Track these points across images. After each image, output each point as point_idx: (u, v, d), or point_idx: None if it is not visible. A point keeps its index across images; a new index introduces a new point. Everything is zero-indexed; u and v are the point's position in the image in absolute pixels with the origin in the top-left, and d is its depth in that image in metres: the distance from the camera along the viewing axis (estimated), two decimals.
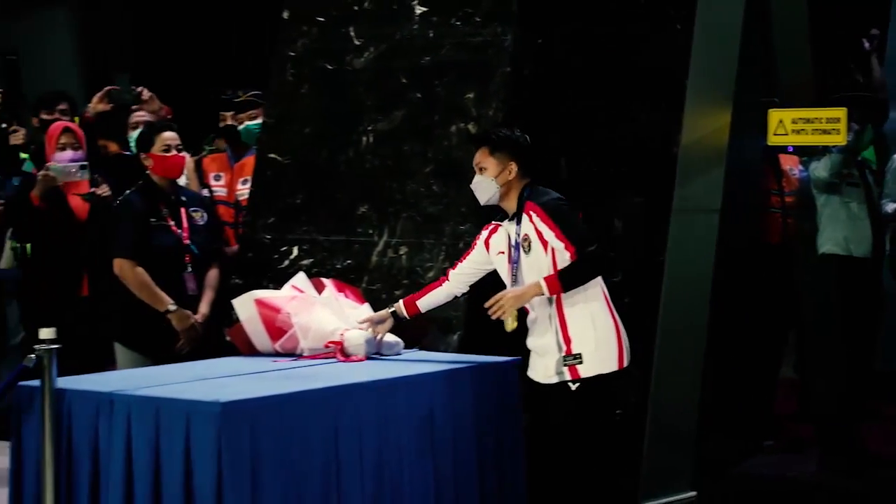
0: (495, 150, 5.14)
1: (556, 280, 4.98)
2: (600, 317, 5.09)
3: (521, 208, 5.12)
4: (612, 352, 5.07)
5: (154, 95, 7.29)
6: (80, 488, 4.56)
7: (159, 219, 6.01)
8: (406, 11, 6.23)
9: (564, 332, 5.03)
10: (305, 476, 4.55)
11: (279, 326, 5.49)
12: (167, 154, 6.04)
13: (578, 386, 5.02)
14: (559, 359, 5.03)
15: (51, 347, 4.58)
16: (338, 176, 6.22)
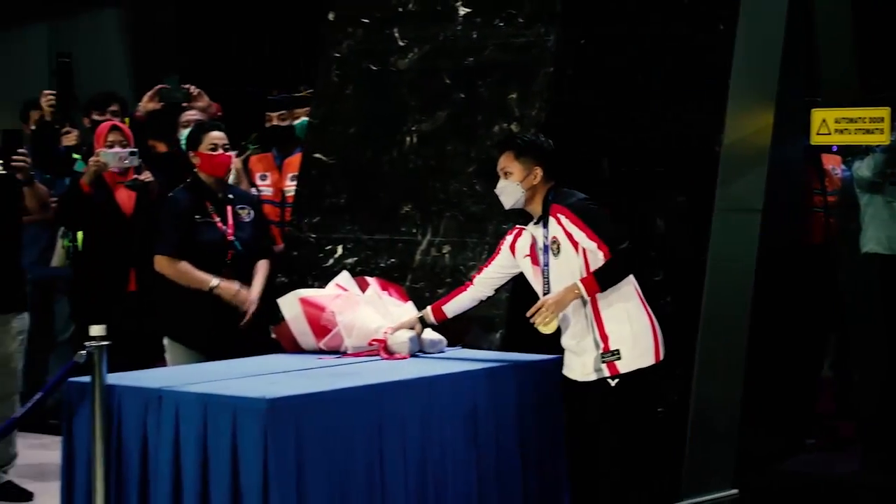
0: (520, 155, 5.16)
1: (593, 280, 4.99)
2: (635, 312, 5.10)
3: (546, 211, 5.12)
4: (648, 346, 5.09)
5: (203, 92, 7.33)
6: (130, 483, 4.60)
7: (205, 215, 6.06)
8: (450, 13, 6.24)
9: (601, 329, 5.04)
10: (350, 471, 4.57)
11: (324, 325, 5.52)
12: (214, 153, 6.09)
13: (618, 382, 5.03)
14: (597, 356, 5.04)
15: (101, 344, 4.63)
16: (382, 176, 6.24)
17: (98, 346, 4.61)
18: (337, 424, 4.56)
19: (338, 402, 4.60)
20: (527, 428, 5.28)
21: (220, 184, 6.17)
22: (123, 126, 6.89)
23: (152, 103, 7.23)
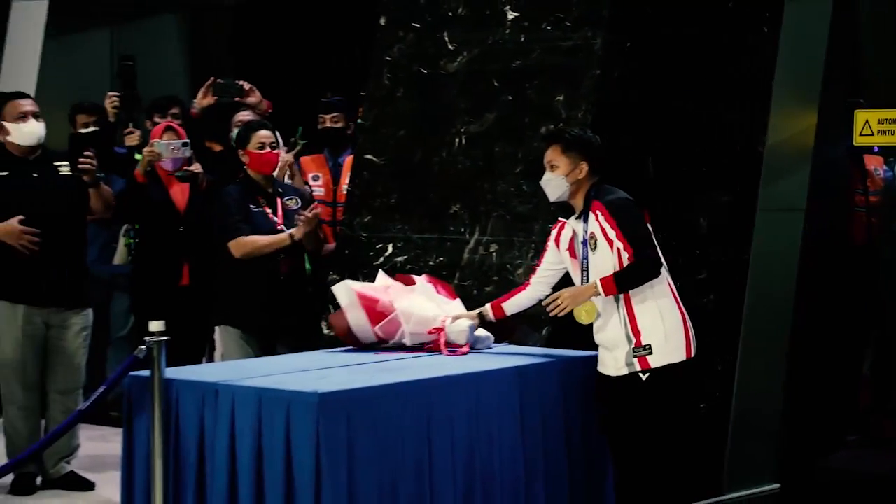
0: (567, 149, 5.16)
1: (612, 282, 5.01)
2: (667, 308, 5.10)
3: (587, 206, 5.14)
4: (680, 342, 5.08)
5: (255, 88, 7.38)
6: (187, 473, 4.64)
7: (258, 206, 6.28)
8: (498, 17, 6.24)
9: (633, 325, 5.04)
10: (399, 464, 4.59)
11: (380, 311, 5.49)
12: (262, 151, 6.31)
13: (649, 376, 5.03)
14: (629, 351, 5.05)
15: (160, 340, 4.66)
16: (431, 176, 6.26)
17: (157, 342, 4.65)
18: (386, 418, 4.58)
19: (387, 397, 4.63)
20: (572, 423, 5.28)
21: (268, 180, 6.39)
22: (176, 125, 6.98)
23: (207, 99, 7.31)
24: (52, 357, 6.54)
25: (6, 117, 6.52)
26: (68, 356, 6.55)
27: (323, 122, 7.37)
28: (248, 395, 4.53)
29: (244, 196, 6.28)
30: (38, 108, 6.59)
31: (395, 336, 5.49)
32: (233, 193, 6.30)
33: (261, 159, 6.31)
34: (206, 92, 7.33)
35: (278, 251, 6.27)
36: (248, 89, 7.34)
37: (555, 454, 5.21)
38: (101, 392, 4.85)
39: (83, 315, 6.61)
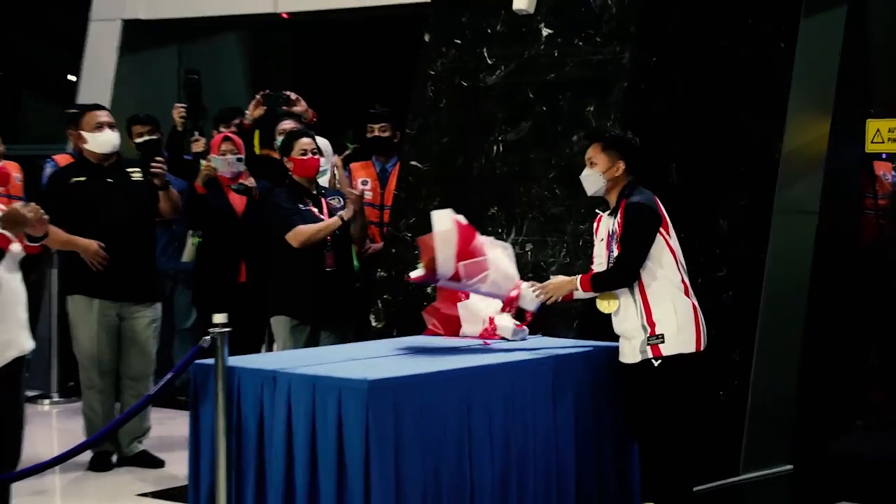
0: (607, 148, 5.16)
1: (588, 281, 5.10)
2: (681, 303, 5.07)
3: (619, 204, 5.14)
4: (691, 335, 5.06)
5: (301, 98, 7.43)
6: (248, 453, 4.66)
7: (304, 206, 6.32)
8: (534, 33, 6.24)
9: (649, 316, 5.03)
10: (441, 446, 4.60)
11: (472, 249, 5.28)
12: (304, 157, 6.34)
13: (660, 363, 5.02)
14: (644, 339, 5.04)
15: (223, 331, 4.67)
16: (471, 180, 6.26)
17: (220, 333, 4.67)
18: (430, 403, 4.58)
19: (431, 384, 4.63)
20: (602, 409, 5.26)
21: (311, 182, 6.42)
22: (234, 137, 7.01)
23: (258, 110, 7.37)
24: (124, 346, 6.60)
25: (84, 127, 6.57)
26: (139, 345, 6.60)
27: (371, 132, 7.39)
28: (303, 381, 4.55)
29: (292, 197, 6.33)
30: (112, 119, 6.64)
31: (474, 278, 5.27)
32: (282, 195, 6.35)
33: (304, 164, 6.34)
34: (257, 104, 7.38)
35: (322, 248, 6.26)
36: (295, 100, 7.38)
37: (585, 438, 5.20)
38: (169, 378, 4.87)
39: (153, 308, 6.66)
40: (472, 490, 4.71)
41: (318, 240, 6.23)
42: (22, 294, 4.79)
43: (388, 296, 6.34)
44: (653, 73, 6.14)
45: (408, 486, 4.46)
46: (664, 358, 5.02)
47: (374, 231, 7.17)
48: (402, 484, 4.44)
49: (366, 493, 4.37)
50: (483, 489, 4.75)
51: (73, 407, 7.87)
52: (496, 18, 6.36)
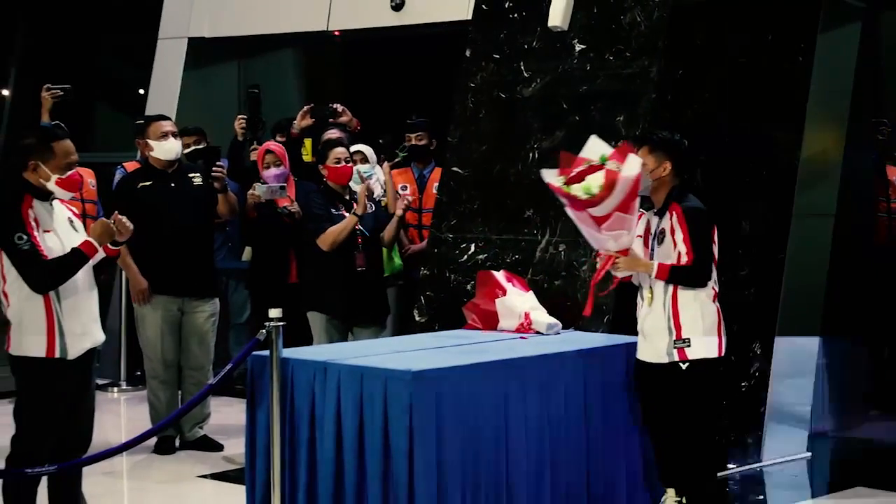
0: (655, 149, 4.98)
1: (666, 270, 4.86)
2: (708, 309, 4.91)
3: (667, 205, 4.98)
4: (714, 340, 4.90)
5: (346, 110, 7.44)
6: (300, 438, 4.66)
7: (337, 210, 6.33)
8: (568, 49, 6.19)
9: (676, 319, 4.87)
10: (480, 433, 4.57)
11: (630, 204, 4.89)
12: (338, 165, 6.36)
13: (688, 366, 4.87)
14: (670, 341, 4.88)
15: (277, 325, 4.66)
16: (508, 185, 6.22)
17: (275, 326, 4.66)
18: (470, 393, 4.55)
19: (471, 375, 4.60)
20: (632, 401, 5.18)
21: (344, 188, 6.43)
22: (276, 149, 7.00)
23: (305, 120, 7.40)
24: (185, 339, 6.59)
25: (150, 136, 6.58)
26: (199, 338, 6.59)
27: (409, 140, 7.37)
28: (352, 372, 4.53)
29: (326, 202, 6.33)
30: (176, 129, 6.64)
31: (612, 230, 4.90)
32: (317, 201, 6.37)
33: (337, 172, 6.35)
34: (305, 115, 7.41)
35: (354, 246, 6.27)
36: (341, 111, 7.39)
37: (614, 428, 5.13)
38: (228, 368, 4.86)
39: (211, 303, 6.65)
40: (508, 474, 4.67)
41: (343, 239, 6.21)
42: (95, 291, 4.79)
43: (430, 292, 6.31)
44: (679, 85, 6.09)
45: (448, 469, 4.43)
46: (691, 362, 4.86)
47: (413, 233, 7.18)
48: (443, 467, 4.41)
49: (409, 476, 4.35)
50: (519, 473, 4.71)
51: (139, 395, 7.88)
52: (532, 35, 6.33)
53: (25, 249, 4.49)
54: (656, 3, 6.00)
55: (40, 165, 4.62)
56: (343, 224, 6.23)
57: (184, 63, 9.20)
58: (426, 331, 5.99)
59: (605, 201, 4.77)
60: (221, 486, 6.02)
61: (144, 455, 6.51)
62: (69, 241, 4.64)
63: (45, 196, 4.65)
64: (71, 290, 4.62)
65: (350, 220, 6.23)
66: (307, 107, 7.45)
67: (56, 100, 7.51)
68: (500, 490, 4.64)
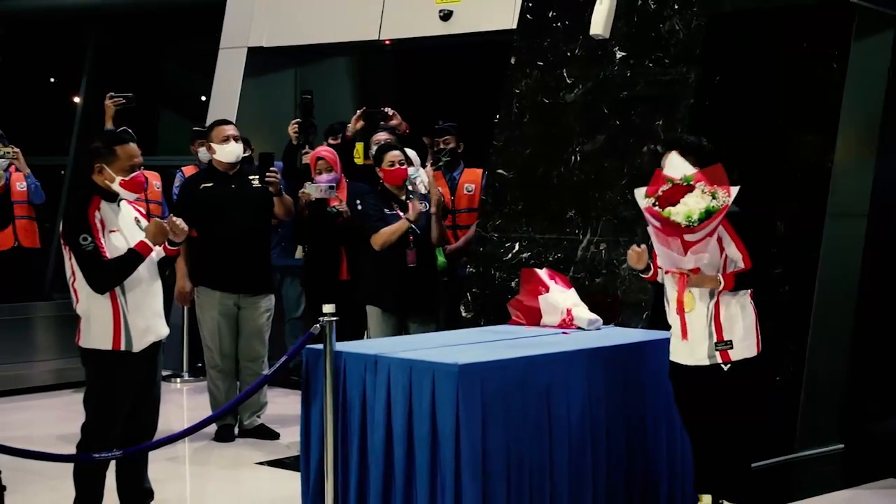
0: (683, 154, 4.81)
1: (732, 280, 4.64)
2: (747, 309, 4.74)
3: None
4: (753, 340, 4.73)
5: (396, 114, 7.46)
6: (352, 428, 4.67)
7: (391, 210, 6.38)
8: (609, 56, 6.16)
9: (717, 320, 4.67)
10: (523, 424, 4.55)
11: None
12: (392, 168, 6.42)
13: (729, 368, 4.68)
14: (710, 344, 4.67)
15: (331, 319, 4.69)
16: (551, 187, 6.19)
17: (329, 321, 4.68)
18: (514, 385, 4.53)
19: (515, 368, 4.58)
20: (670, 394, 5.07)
21: (399, 189, 6.48)
22: (327, 155, 7.00)
23: (358, 124, 7.44)
24: (242, 332, 6.63)
25: (213, 139, 6.63)
26: (255, 332, 6.63)
27: (437, 145, 7.36)
28: (401, 365, 4.53)
29: (381, 203, 6.41)
30: (238, 133, 6.68)
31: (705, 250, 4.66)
32: (371, 201, 6.45)
33: (392, 174, 6.42)
34: (358, 119, 7.44)
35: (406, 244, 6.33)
36: (391, 115, 7.41)
37: (654, 420, 5.09)
38: (283, 360, 4.88)
39: (267, 299, 6.68)
40: (551, 463, 4.65)
41: (394, 240, 6.29)
42: (159, 288, 4.83)
43: (476, 289, 6.30)
44: (716, 91, 6.04)
45: (493, 458, 4.42)
46: (733, 363, 4.67)
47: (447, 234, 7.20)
48: (488, 457, 4.40)
49: (456, 465, 4.35)
50: (561, 463, 4.69)
51: (200, 385, 7.95)
52: (575, 43, 6.30)
53: (89, 251, 4.53)
54: (694, 13, 5.96)
55: (105, 168, 4.66)
56: (395, 227, 6.29)
57: (243, 71, 9.25)
58: (472, 326, 5.98)
59: (704, 230, 4.57)
60: (277, 472, 6.04)
61: (205, 442, 6.56)
62: (134, 241, 4.68)
63: (111, 197, 4.70)
64: (135, 286, 4.66)
65: (402, 223, 6.30)
66: (360, 111, 7.49)
67: (119, 107, 7.58)
68: (543, 480, 4.62)
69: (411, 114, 7.65)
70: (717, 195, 4.58)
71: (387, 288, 6.37)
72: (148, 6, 11.19)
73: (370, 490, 4.60)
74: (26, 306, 8.24)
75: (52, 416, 7.14)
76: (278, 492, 5.69)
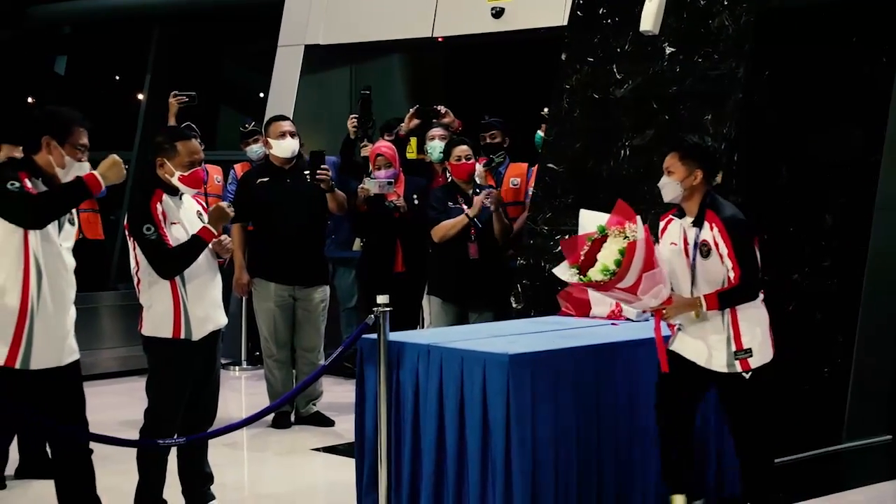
0: (685, 157, 4.50)
1: (715, 300, 4.38)
2: (763, 316, 4.50)
3: (702, 214, 4.48)
4: (769, 345, 4.50)
5: (449, 111, 7.43)
6: (405, 416, 4.67)
7: (455, 203, 6.42)
8: (658, 52, 6.11)
9: (735, 327, 4.43)
10: (572, 413, 4.53)
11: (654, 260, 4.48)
12: (459, 162, 6.46)
13: (751, 375, 4.44)
14: (730, 352, 4.43)
15: (385, 310, 4.68)
16: (601, 181, 6.16)
17: (383, 312, 4.68)
18: (562, 374, 4.51)
19: (564, 358, 4.56)
20: None
21: (467, 183, 6.50)
22: (386, 151, 6.97)
23: (412, 122, 7.42)
24: (298, 322, 6.66)
25: (270, 135, 6.65)
26: (310, 322, 6.64)
27: (483, 140, 7.31)
28: (453, 355, 4.53)
29: (446, 196, 6.45)
30: (294, 129, 6.69)
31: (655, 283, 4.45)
32: (437, 194, 6.50)
33: (459, 168, 6.45)
34: (412, 117, 7.43)
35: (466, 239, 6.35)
36: (444, 112, 7.38)
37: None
38: (339, 350, 4.89)
39: (321, 291, 6.68)
40: (599, 452, 4.63)
41: (452, 234, 6.33)
42: (218, 278, 4.86)
43: (526, 281, 6.28)
44: (765, 86, 5.96)
45: (543, 445, 4.40)
46: (753, 370, 4.45)
47: None
48: (537, 444, 4.39)
49: (506, 452, 4.34)
50: (609, 453, 4.66)
51: (258, 373, 7.99)
52: (625, 39, 6.25)
53: (152, 239, 4.55)
54: (744, 8, 5.88)
55: (166, 162, 4.69)
56: (455, 221, 6.34)
57: (301, 68, 9.29)
58: (522, 317, 5.96)
59: (630, 271, 4.31)
60: (332, 458, 6.07)
61: (262, 428, 6.60)
62: None
63: (173, 191, 4.73)
64: (194, 277, 4.69)
65: (461, 218, 6.33)
66: (414, 108, 7.49)
67: (182, 105, 7.64)
68: (591, 470, 4.60)
69: (463, 110, 7.62)
70: (626, 233, 4.36)
71: (448, 279, 6.43)
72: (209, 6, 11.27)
73: (423, 477, 4.60)
74: (92, 296, 8.34)
75: (117, 401, 7.22)
76: (333, 477, 5.71)
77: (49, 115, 4.26)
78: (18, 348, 4.07)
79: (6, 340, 4.05)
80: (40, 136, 4.17)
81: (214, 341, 4.84)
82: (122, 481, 4.63)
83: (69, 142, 4.19)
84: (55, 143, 4.17)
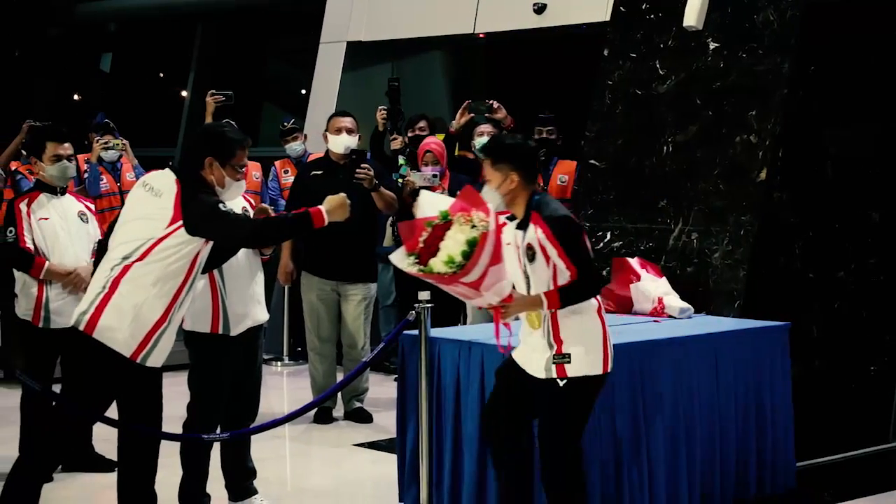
0: (496, 163, 4.11)
1: (556, 297, 4.02)
2: (590, 323, 4.12)
3: (528, 216, 4.10)
4: (598, 357, 4.10)
5: (501, 107, 7.36)
6: (446, 411, 4.67)
7: None
8: (702, 47, 6.05)
9: (556, 333, 4.07)
10: (617, 410, 4.51)
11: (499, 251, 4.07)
12: None
13: (566, 384, 4.07)
14: (549, 357, 4.08)
15: (426, 306, 4.68)
16: (643, 177, 6.11)
17: (423, 308, 4.68)
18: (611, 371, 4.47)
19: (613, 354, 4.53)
20: (760, 382, 5.05)
21: None
22: (435, 148, 6.93)
23: (464, 118, 7.34)
24: (342, 318, 6.66)
25: (330, 129, 6.68)
26: (352, 319, 6.63)
27: (540, 134, 7.26)
28: (494, 351, 4.46)
29: None
30: (352, 126, 6.64)
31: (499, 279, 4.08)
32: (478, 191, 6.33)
33: None
34: (463, 112, 7.34)
35: None
36: (497, 108, 7.31)
37: (744, 406, 5.01)
38: (382, 346, 4.89)
39: (365, 287, 6.64)
40: (647, 450, 4.60)
41: None
42: (259, 275, 4.86)
43: None
44: (810, 81, 5.88)
45: (590, 440, 4.36)
46: (570, 379, 4.07)
47: None
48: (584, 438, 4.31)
49: None
50: (656, 450, 4.64)
51: (300, 368, 8.01)
52: (668, 34, 6.19)
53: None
54: (789, 3, 5.81)
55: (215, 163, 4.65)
56: None
57: (342, 65, 9.31)
58: None
59: (478, 265, 3.92)
60: (374, 453, 6.07)
61: (306, 423, 6.62)
62: None
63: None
64: (234, 273, 4.70)
65: None
66: (466, 103, 7.38)
67: (219, 104, 7.67)
68: (637, 466, 4.57)
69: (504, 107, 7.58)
70: (474, 222, 3.95)
71: None
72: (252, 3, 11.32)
73: (464, 472, 4.59)
74: None
75: None
76: (376, 473, 5.71)
77: (214, 136, 4.22)
78: (145, 348, 4.08)
79: (137, 339, 4.07)
80: (204, 155, 4.15)
81: (255, 336, 4.86)
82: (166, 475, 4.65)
83: (230, 163, 4.17)
84: (217, 164, 4.15)
